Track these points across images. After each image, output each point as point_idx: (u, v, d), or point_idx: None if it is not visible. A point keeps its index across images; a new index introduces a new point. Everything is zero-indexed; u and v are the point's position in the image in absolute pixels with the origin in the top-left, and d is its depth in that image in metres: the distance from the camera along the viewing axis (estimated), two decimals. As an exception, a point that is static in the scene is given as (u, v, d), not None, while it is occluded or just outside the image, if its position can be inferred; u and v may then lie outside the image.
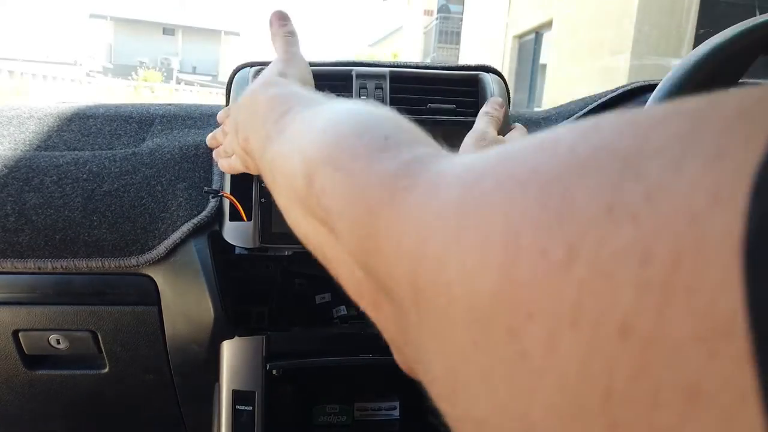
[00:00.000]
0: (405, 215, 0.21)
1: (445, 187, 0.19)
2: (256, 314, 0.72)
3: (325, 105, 0.34)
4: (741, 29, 0.58)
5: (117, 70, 23.79)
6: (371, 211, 0.23)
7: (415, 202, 0.21)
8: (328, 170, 0.27)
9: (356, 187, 0.25)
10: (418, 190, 0.21)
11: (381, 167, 0.24)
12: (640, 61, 5.91)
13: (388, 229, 0.22)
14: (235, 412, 0.67)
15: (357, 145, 0.27)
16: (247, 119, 0.43)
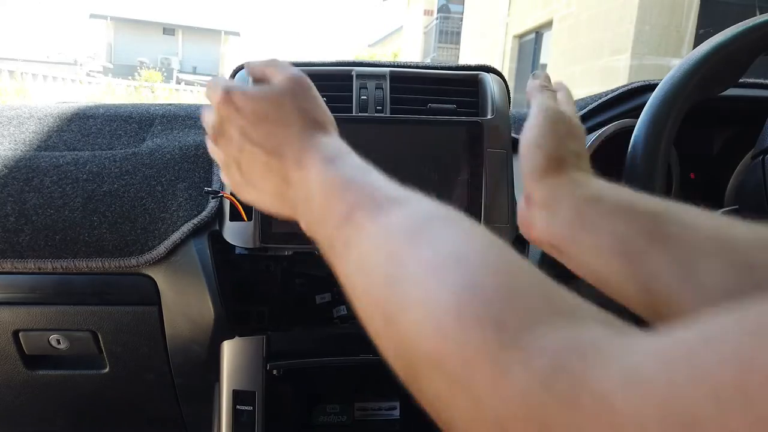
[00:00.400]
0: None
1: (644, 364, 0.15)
2: (256, 314, 0.72)
3: (403, 216, 0.27)
4: (741, 29, 0.58)
5: (117, 70, 23.79)
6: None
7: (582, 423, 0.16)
8: (434, 371, 0.21)
9: (481, 404, 0.19)
10: (584, 408, 0.16)
11: (517, 375, 0.18)
12: (640, 60, 5.91)
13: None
14: (235, 412, 0.67)
15: (480, 336, 0.20)
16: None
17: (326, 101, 0.68)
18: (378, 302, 0.25)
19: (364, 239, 0.28)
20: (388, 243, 0.26)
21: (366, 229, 0.29)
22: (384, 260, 0.26)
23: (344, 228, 0.30)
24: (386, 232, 0.27)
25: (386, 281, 0.24)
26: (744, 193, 0.63)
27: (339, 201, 0.32)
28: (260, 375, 0.67)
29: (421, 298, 0.22)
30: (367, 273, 0.27)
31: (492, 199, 0.66)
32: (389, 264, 0.25)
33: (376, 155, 0.66)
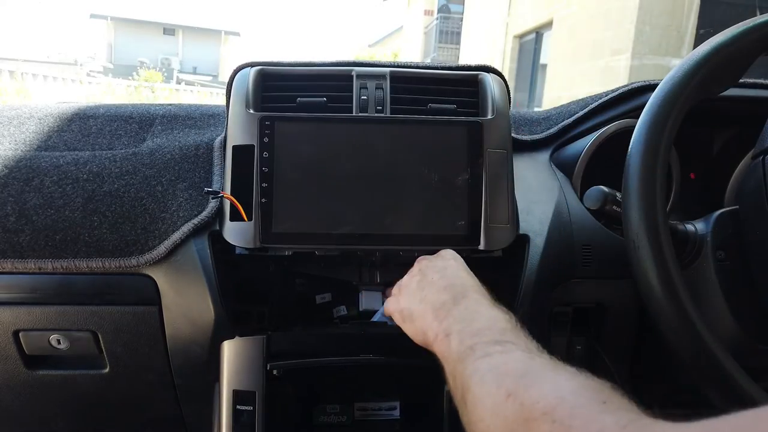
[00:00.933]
0: None
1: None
2: (256, 314, 0.72)
3: (543, 358, 0.40)
4: (741, 29, 0.58)
5: (117, 70, 23.78)
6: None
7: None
8: (546, 424, 0.31)
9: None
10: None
11: (601, 426, 0.28)
12: (640, 60, 5.91)
13: None
14: (235, 412, 0.67)
15: (575, 403, 0.31)
16: (459, 319, 0.50)
17: (326, 101, 0.68)
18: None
19: (512, 358, 0.42)
20: (530, 364, 0.40)
21: (513, 351, 0.43)
22: (516, 367, 0.40)
23: (492, 346, 0.43)
24: (530, 356, 0.41)
25: (514, 387, 0.37)
26: (744, 194, 0.63)
27: (496, 326, 0.47)
28: (260, 375, 0.67)
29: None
30: (501, 375, 0.39)
31: (492, 199, 0.66)
32: (520, 375, 0.39)
33: (376, 155, 0.66)
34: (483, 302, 0.52)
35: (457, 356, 0.46)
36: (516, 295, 0.69)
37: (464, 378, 0.42)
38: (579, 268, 0.72)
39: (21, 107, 0.83)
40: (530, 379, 0.37)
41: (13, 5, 33.78)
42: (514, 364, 0.40)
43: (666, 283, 0.54)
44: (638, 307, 0.73)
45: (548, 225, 0.71)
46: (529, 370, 0.38)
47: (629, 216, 0.56)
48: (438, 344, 0.50)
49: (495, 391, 0.37)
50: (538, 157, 0.83)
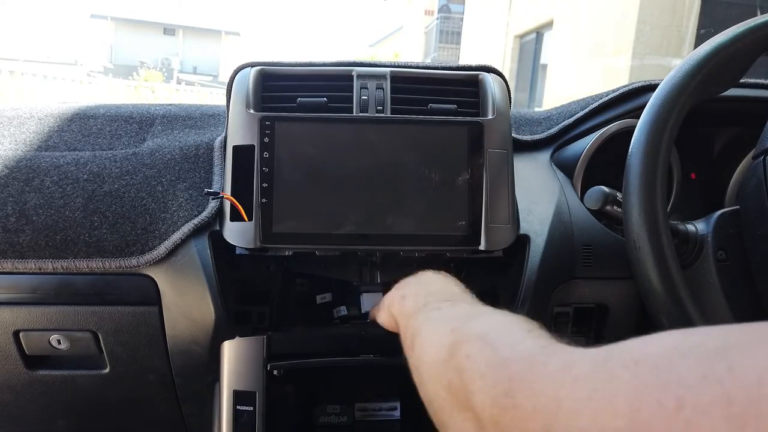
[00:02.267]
0: (543, 381, 0.29)
1: (579, 363, 0.29)
2: (257, 314, 0.72)
3: (486, 307, 0.47)
4: (742, 29, 0.58)
5: (118, 70, 23.78)
6: (512, 376, 0.32)
7: (552, 372, 0.29)
8: (477, 342, 0.36)
9: (500, 357, 0.34)
10: (554, 364, 0.30)
11: (523, 346, 0.34)
12: (641, 61, 5.91)
13: (527, 390, 0.30)
14: (235, 413, 0.67)
15: (504, 331, 0.37)
16: (414, 284, 0.56)
17: (327, 101, 0.68)
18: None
19: (456, 309, 0.48)
20: (468, 312, 0.46)
21: (460, 305, 0.49)
22: (456, 314, 0.46)
23: (443, 303, 0.50)
24: (471, 308, 0.48)
25: (451, 325, 0.43)
26: (745, 194, 0.63)
27: (449, 294, 0.53)
28: (261, 375, 0.67)
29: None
30: (444, 319, 0.45)
31: (493, 200, 0.66)
32: (458, 318, 0.44)
33: (376, 155, 0.66)
34: (439, 275, 0.58)
35: (411, 311, 0.51)
36: (516, 295, 0.69)
37: (415, 327, 0.47)
38: (580, 269, 0.72)
39: (21, 107, 0.83)
40: (472, 317, 0.42)
41: (13, 5, 33.78)
42: (461, 311, 0.46)
43: (667, 284, 0.54)
44: (639, 308, 0.73)
45: (549, 225, 0.71)
46: (473, 312, 0.45)
47: (630, 216, 0.56)
48: (395, 306, 0.55)
49: (441, 329, 0.42)
50: (538, 157, 0.83)
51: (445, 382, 0.38)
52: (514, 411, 0.30)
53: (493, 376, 0.33)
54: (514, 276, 0.71)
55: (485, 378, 0.33)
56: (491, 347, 0.35)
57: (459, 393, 0.35)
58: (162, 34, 30.39)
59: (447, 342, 0.39)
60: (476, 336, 0.37)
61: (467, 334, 0.38)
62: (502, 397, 0.31)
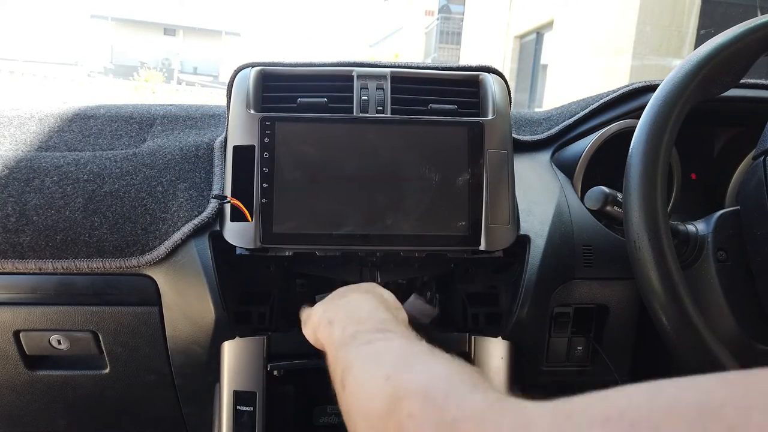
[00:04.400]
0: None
1: (537, 421, 0.25)
2: (257, 315, 0.72)
3: (422, 346, 0.42)
4: (742, 30, 0.58)
5: (118, 70, 23.79)
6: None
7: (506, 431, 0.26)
8: (419, 398, 0.33)
9: (447, 418, 0.30)
10: (507, 423, 0.27)
11: (471, 403, 0.30)
12: (641, 61, 5.90)
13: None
14: (236, 413, 0.67)
15: (447, 384, 0.33)
16: (342, 309, 0.53)
17: (327, 102, 0.68)
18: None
19: (392, 346, 0.44)
20: (407, 351, 0.42)
21: (396, 341, 0.45)
22: (392, 352, 0.43)
23: (373, 334, 0.46)
24: (408, 346, 0.43)
25: (386, 369, 0.39)
26: (745, 194, 0.63)
27: (380, 321, 0.49)
28: (261, 376, 0.67)
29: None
30: (378, 359, 0.42)
31: (493, 200, 0.66)
32: (395, 359, 0.41)
33: (377, 156, 0.66)
34: (368, 298, 0.56)
35: (339, 342, 0.48)
36: (516, 295, 0.69)
37: (345, 363, 0.44)
38: (580, 269, 0.72)
39: (22, 107, 0.83)
40: (408, 363, 0.39)
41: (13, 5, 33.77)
42: (395, 350, 0.42)
43: (667, 284, 0.54)
44: (639, 308, 0.73)
45: (549, 225, 0.71)
46: (408, 354, 0.41)
47: (630, 216, 0.56)
48: (321, 331, 0.53)
49: (375, 373, 0.39)
50: (538, 158, 0.83)
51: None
52: None
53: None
54: (514, 276, 0.71)
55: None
56: (435, 406, 0.32)
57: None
58: (162, 35, 30.40)
59: (383, 393, 0.36)
60: (417, 390, 0.34)
61: (407, 388, 0.35)
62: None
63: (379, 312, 0.52)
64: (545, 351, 0.74)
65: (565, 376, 0.76)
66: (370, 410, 0.37)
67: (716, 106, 0.81)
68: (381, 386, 0.37)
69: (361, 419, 0.39)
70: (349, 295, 0.57)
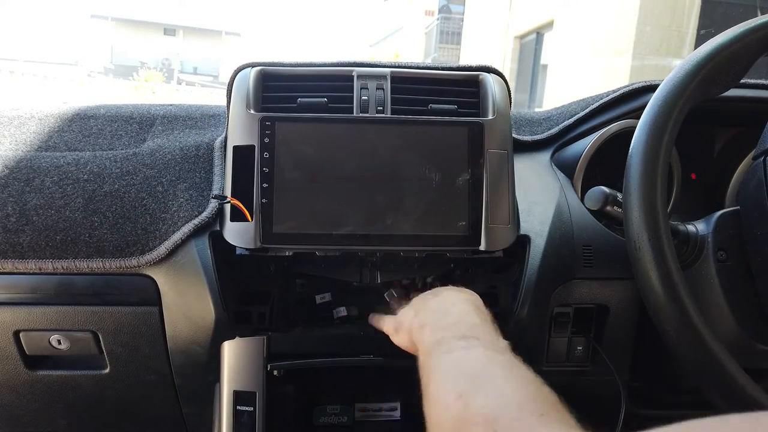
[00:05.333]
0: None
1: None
2: (257, 315, 0.72)
3: (502, 357, 0.43)
4: (742, 30, 0.58)
5: (118, 70, 23.80)
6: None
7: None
8: (485, 428, 0.34)
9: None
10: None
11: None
12: (641, 61, 5.90)
13: None
14: (236, 413, 0.67)
15: (515, 413, 0.34)
16: (433, 312, 0.54)
17: (327, 102, 0.68)
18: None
19: (476, 353, 0.46)
20: (490, 362, 0.44)
21: (481, 348, 0.46)
22: (475, 360, 0.45)
23: (460, 341, 0.47)
24: (492, 357, 0.44)
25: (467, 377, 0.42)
26: (745, 194, 0.63)
27: (469, 328, 0.50)
28: (261, 376, 0.67)
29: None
30: (458, 367, 0.44)
31: (493, 200, 0.66)
32: (477, 369, 0.43)
33: (377, 156, 0.66)
34: (460, 297, 0.56)
35: (427, 349, 0.49)
36: (516, 295, 0.69)
37: (428, 372, 0.45)
38: (580, 269, 0.72)
39: (22, 107, 0.83)
40: (482, 382, 0.40)
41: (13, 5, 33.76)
42: (473, 364, 0.43)
43: (667, 284, 0.54)
44: (639, 308, 0.73)
45: (549, 225, 0.71)
46: (484, 372, 0.41)
47: (630, 216, 0.56)
48: (415, 336, 0.54)
49: (449, 389, 0.40)
50: (539, 158, 0.83)
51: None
52: None
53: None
54: (515, 276, 0.71)
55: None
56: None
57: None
58: (162, 35, 30.40)
59: (454, 412, 0.38)
60: (485, 419, 0.35)
61: (475, 412, 0.36)
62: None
63: (469, 315, 0.52)
64: (545, 351, 0.74)
65: (565, 376, 0.76)
66: (442, 426, 0.39)
67: (716, 106, 0.81)
68: (452, 404, 0.38)
69: (434, 426, 0.41)
70: (440, 295, 0.57)
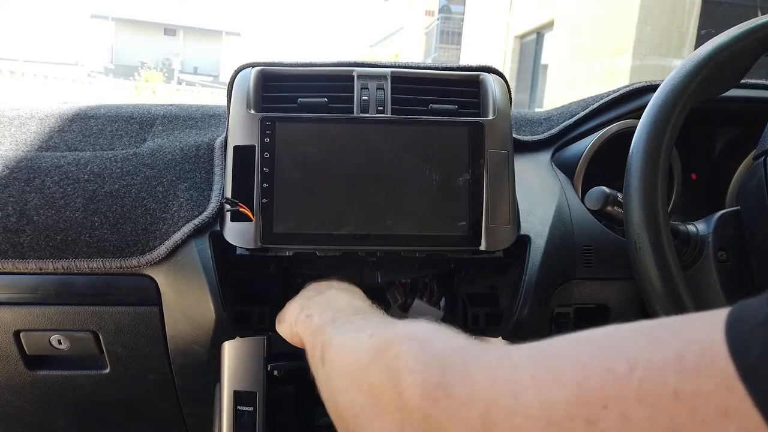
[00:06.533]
0: (480, 368, 0.29)
1: (517, 351, 0.28)
2: (257, 315, 0.72)
3: (398, 320, 0.44)
4: (743, 30, 0.58)
5: (118, 70, 23.82)
6: (445, 366, 0.31)
7: (489, 361, 0.29)
8: (405, 341, 0.35)
9: (433, 351, 0.33)
10: (491, 354, 0.29)
11: (456, 342, 0.34)
12: (641, 61, 5.90)
13: (462, 378, 0.29)
14: (236, 413, 0.67)
15: (433, 331, 0.36)
16: (319, 303, 0.55)
17: (327, 102, 0.68)
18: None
19: (370, 321, 0.49)
20: (387, 323, 0.46)
21: (372, 319, 0.50)
22: (374, 322, 0.47)
23: (353, 317, 0.49)
24: (386, 321, 0.49)
25: (370, 332, 0.42)
26: (745, 194, 0.63)
27: (358, 309, 0.53)
28: (261, 376, 0.67)
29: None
30: (360, 331, 0.44)
31: (493, 200, 0.66)
32: (377, 326, 0.44)
33: (377, 156, 0.66)
34: (342, 288, 0.59)
35: (318, 327, 0.50)
36: (517, 295, 0.69)
37: (324, 340, 0.46)
38: (580, 269, 0.72)
39: (22, 108, 0.83)
40: (390, 324, 0.42)
41: (13, 5, 33.77)
42: (375, 322, 0.46)
43: (667, 284, 0.54)
44: (639, 308, 0.73)
45: (549, 225, 0.71)
46: (389, 321, 0.45)
47: (631, 217, 0.56)
48: (300, 326, 0.54)
49: (358, 337, 0.41)
50: (539, 158, 0.83)
51: (365, 387, 0.36)
52: (447, 401, 0.29)
53: (424, 369, 0.32)
54: (515, 276, 0.71)
55: (415, 373, 0.32)
56: (422, 343, 0.34)
57: (382, 394, 0.34)
58: (163, 35, 30.42)
59: (367, 346, 0.38)
60: (403, 336, 0.36)
61: (392, 336, 0.37)
62: (435, 389, 0.30)
63: (356, 301, 0.55)
64: None
65: None
66: (353, 365, 0.38)
67: (717, 106, 0.81)
68: (364, 343, 0.39)
69: (340, 378, 0.40)
70: (325, 291, 0.60)
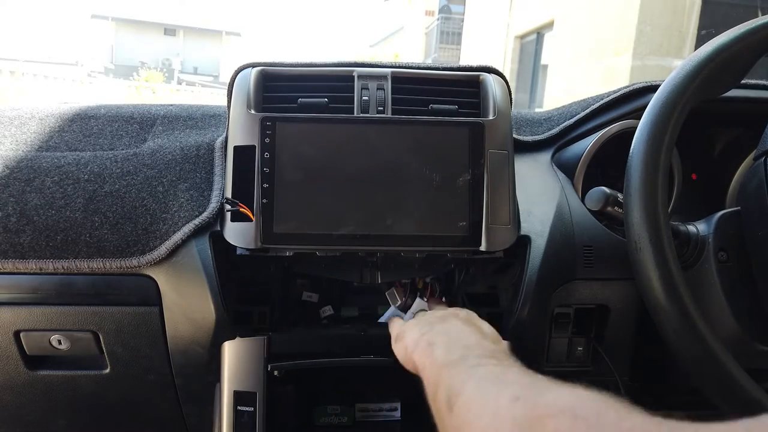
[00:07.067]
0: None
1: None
2: (257, 315, 0.72)
3: (540, 376, 0.40)
4: (743, 30, 0.58)
5: (118, 70, 23.81)
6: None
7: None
8: (566, 416, 0.31)
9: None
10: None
11: (631, 423, 0.29)
12: (641, 61, 5.90)
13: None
14: (236, 413, 0.67)
15: (598, 406, 0.31)
16: (443, 334, 0.52)
17: (328, 102, 0.68)
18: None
19: (509, 372, 0.43)
20: (534, 379, 0.40)
21: (511, 368, 0.44)
22: (516, 379, 0.41)
23: (483, 359, 0.45)
24: (532, 377, 0.41)
25: (515, 392, 0.37)
26: (746, 195, 0.63)
27: (486, 348, 0.49)
28: (261, 376, 0.67)
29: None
30: (499, 383, 0.40)
31: (493, 200, 0.66)
32: (523, 385, 0.39)
33: (377, 156, 0.66)
34: (471, 329, 0.54)
35: (444, 363, 0.45)
36: (517, 295, 0.69)
37: (454, 383, 0.41)
38: (580, 269, 0.72)
39: (22, 108, 0.83)
40: (539, 386, 0.36)
41: (13, 5, 33.77)
42: (516, 375, 0.40)
43: (668, 284, 0.54)
44: (640, 308, 0.73)
45: (550, 226, 0.71)
46: (535, 380, 0.38)
47: (631, 217, 0.56)
48: (418, 353, 0.51)
49: (498, 394, 0.36)
50: (539, 158, 0.83)
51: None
52: None
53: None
54: (515, 277, 0.71)
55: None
56: (588, 424, 0.29)
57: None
58: (163, 35, 30.40)
59: (512, 414, 0.34)
60: (563, 410, 0.31)
61: (545, 407, 0.32)
62: None
63: (486, 342, 0.50)
64: (546, 351, 0.74)
65: (565, 377, 0.76)
66: (495, 429, 0.34)
67: (717, 107, 0.81)
68: (507, 407, 0.34)
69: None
70: (449, 321, 0.56)
